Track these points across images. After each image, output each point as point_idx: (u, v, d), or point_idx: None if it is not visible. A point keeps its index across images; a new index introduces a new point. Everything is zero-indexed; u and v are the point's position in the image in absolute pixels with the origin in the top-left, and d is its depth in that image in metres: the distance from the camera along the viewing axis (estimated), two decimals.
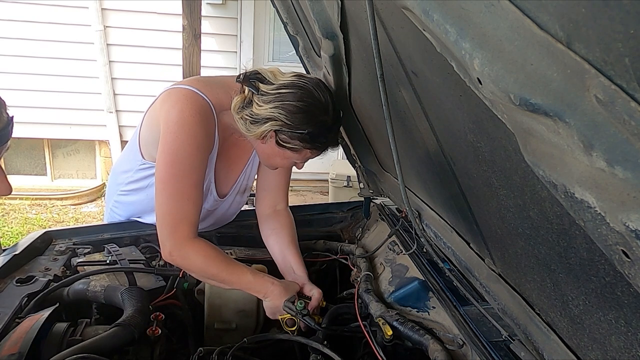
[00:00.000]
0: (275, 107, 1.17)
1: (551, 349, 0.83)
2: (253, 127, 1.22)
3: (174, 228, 1.19)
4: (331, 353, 1.09)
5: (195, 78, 1.34)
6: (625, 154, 0.39)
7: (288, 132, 1.20)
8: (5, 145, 0.95)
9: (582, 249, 0.58)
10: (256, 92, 1.19)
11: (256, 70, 1.23)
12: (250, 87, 1.20)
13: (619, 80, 0.37)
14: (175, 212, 1.20)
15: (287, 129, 1.19)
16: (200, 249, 1.21)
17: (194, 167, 1.22)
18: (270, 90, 1.19)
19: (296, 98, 1.17)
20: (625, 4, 0.34)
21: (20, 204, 4.41)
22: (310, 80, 1.23)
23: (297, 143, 1.22)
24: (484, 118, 0.64)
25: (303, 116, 1.18)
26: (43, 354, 0.94)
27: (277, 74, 1.23)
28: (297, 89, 1.18)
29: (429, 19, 0.55)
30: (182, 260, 1.22)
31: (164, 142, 1.21)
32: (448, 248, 1.20)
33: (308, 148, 1.25)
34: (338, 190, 4.25)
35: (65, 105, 4.60)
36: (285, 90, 1.18)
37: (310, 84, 1.21)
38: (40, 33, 4.30)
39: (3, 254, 1.33)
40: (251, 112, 1.20)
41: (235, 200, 1.54)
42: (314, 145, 1.24)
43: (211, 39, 4.57)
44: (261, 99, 1.19)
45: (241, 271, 1.25)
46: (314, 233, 1.72)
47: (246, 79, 1.21)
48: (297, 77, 1.22)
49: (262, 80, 1.21)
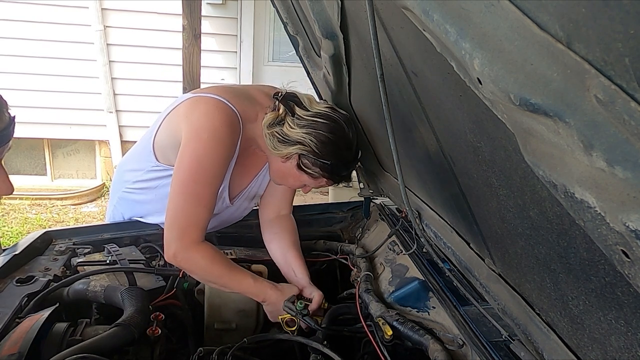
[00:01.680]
0: (307, 133, 1.22)
1: (551, 349, 0.83)
2: (280, 145, 1.26)
3: (183, 231, 1.21)
4: (331, 353, 1.09)
5: (222, 87, 1.35)
6: (625, 154, 0.39)
7: (312, 159, 1.25)
8: (6, 145, 0.95)
9: (582, 249, 0.58)
10: (291, 114, 1.24)
11: (294, 93, 1.29)
12: (286, 107, 1.25)
13: (619, 80, 0.37)
14: (188, 216, 1.21)
15: (313, 155, 1.24)
16: (204, 253, 1.23)
17: (216, 176, 1.24)
18: (306, 115, 1.24)
19: (329, 129, 1.23)
20: (625, 4, 0.34)
21: (20, 204, 4.41)
22: (342, 115, 1.28)
23: (317, 171, 1.27)
24: (484, 118, 0.64)
25: (331, 148, 1.24)
26: (43, 354, 0.94)
27: (313, 102, 1.29)
28: (331, 121, 1.24)
29: (429, 19, 0.55)
30: (186, 263, 1.23)
31: (190, 148, 1.22)
32: (448, 248, 1.20)
33: (326, 177, 1.30)
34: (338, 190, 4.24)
35: (65, 105, 4.60)
36: (320, 119, 1.24)
37: (342, 119, 1.27)
38: (40, 33, 4.30)
39: (3, 254, 1.33)
40: (282, 131, 1.24)
41: (242, 206, 1.54)
42: (332, 176, 1.30)
43: (211, 39, 4.57)
44: (295, 122, 1.23)
45: (242, 276, 1.27)
46: (314, 233, 1.72)
47: (284, 99, 1.26)
48: (332, 110, 1.28)
49: (298, 104, 1.25)
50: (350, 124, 1.28)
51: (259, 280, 1.29)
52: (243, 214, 1.59)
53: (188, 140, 1.23)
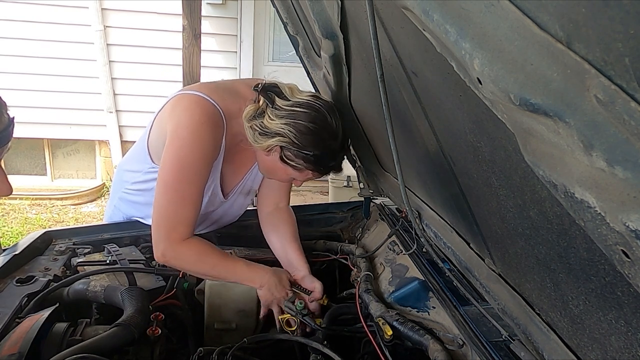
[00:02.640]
0: (286, 124, 1.18)
1: (551, 349, 0.83)
2: (261, 138, 1.23)
3: (170, 231, 1.21)
4: (331, 353, 1.09)
5: (205, 84, 1.34)
6: (625, 154, 0.39)
7: (294, 151, 1.21)
8: (6, 146, 0.95)
9: (582, 249, 0.58)
10: (271, 105, 1.21)
11: (275, 83, 1.25)
12: (266, 99, 1.21)
13: (619, 80, 0.37)
14: (174, 215, 1.22)
15: (294, 147, 1.20)
16: (192, 247, 1.23)
17: (199, 173, 1.23)
18: (285, 105, 1.20)
19: (309, 119, 1.18)
20: (625, 4, 0.34)
21: (20, 204, 4.41)
22: (325, 103, 1.23)
23: (300, 162, 1.23)
24: (484, 118, 0.64)
25: (312, 138, 1.19)
26: (43, 354, 0.94)
27: (295, 91, 1.25)
28: (311, 110, 1.19)
29: (429, 19, 0.55)
30: (175, 260, 1.24)
31: (172, 146, 1.22)
32: (448, 248, 1.20)
33: (310, 169, 1.26)
34: (338, 190, 4.25)
35: (65, 105, 4.60)
36: (300, 109, 1.19)
37: (325, 107, 1.22)
38: (40, 33, 4.30)
39: (3, 254, 1.33)
40: (262, 124, 1.21)
41: (238, 201, 1.54)
42: (316, 167, 1.25)
43: (211, 39, 4.58)
44: (274, 113, 1.20)
45: (235, 263, 1.27)
46: (314, 233, 1.72)
47: (264, 89, 1.23)
48: (314, 97, 1.23)
49: (278, 94, 1.22)
50: (334, 112, 1.23)
51: (253, 265, 1.29)
52: (240, 210, 1.59)
53: (170, 139, 1.23)
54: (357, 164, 1.74)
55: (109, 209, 1.69)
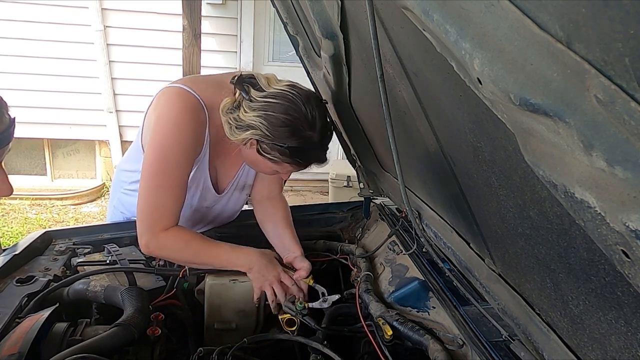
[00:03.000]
0: (258, 116, 1.15)
1: (551, 349, 0.83)
2: (236, 131, 1.20)
3: (152, 222, 1.22)
4: (331, 353, 1.09)
5: (190, 77, 1.34)
6: (625, 154, 0.39)
7: (269, 143, 1.18)
8: (7, 146, 0.95)
9: (582, 249, 0.58)
10: (246, 97, 1.17)
11: (252, 74, 1.21)
12: (241, 91, 1.18)
13: (619, 80, 0.37)
14: (156, 206, 1.23)
15: (268, 140, 1.17)
16: (173, 236, 1.23)
17: (179, 163, 1.23)
18: (259, 97, 1.16)
19: (281, 110, 1.14)
20: (625, 4, 0.34)
21: (20, 204, 4.41)
22: (301, 92, 1.18)
23: (277, 155, 1.20)
24: (484, 118, 0.64)
25: (285, 130, 1.15)
26: (43, 354, 0.94)
27: (272, 81, 1.21)
28: (284, 101, 1.15)
29: (429, 19, 0.55)
30: (159, 250, 1.25)
31: (153, 138, 1.23)
32: (448, 248, 1.20)
33: (288, 162, 1.22)
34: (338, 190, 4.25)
35: (65, 105, 4.60)
36: (273, 100, 1.15)
37: (301, 96, 1.16)
38: (40, 33, 4.30)
39: (3, 254, 1.33)
40: (237, 117, 1.19)
41: (234, 197, 1.54)
42: (293, 160, 1.21)
43: (211, 39, 4.58)
44: (248, 105, 1.17)
45: (218, 248, 1.27)
46: (314, 233, 1.72)
47: (239, 81, 1.19)
48: (290, 87, 1.18)
49: (254, 85, 1.18)
50: (310, 101, 1.17)
51: (237, 248, 1.28)
52: (237, 205, 1.59)
53: (152, 132, 1.24)
54: (357, 164, 1.75)
55: (109, 210, 1.69)
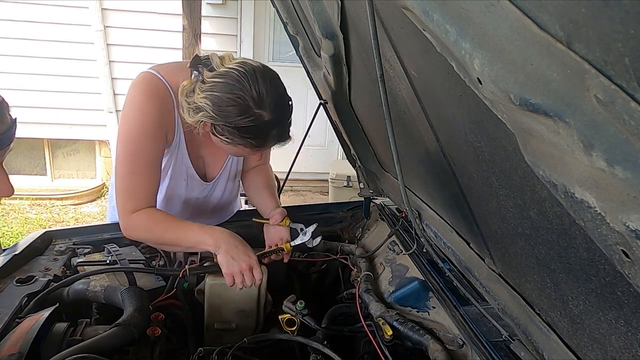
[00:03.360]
0: (204, 97, 1.12)
1: (551, 349, 0.83)
2: (192, 114, 1.17)
3: (124, 204, 1.25)
4: (331, 353, 1.09)
5: (164, 63, 1.33)
6: (625, 154, 0.39)
7: (219, 125, 1.14)
8: (8, 147, 0.95)
9: (582, 249, 0.58)
10: (200, 79, 1.15)
11: (208, 55, 1.18)
12: (197, 73, 1.16)
13: (619, 80, 0.37)
14: (127, 190, 1.26)
15: (216, 121, 1.13)
16: (143, 216, 1.26)
17: (144, 147, 1.24)
18: (209, 78, 1.13)
19: (224, 90, 1.10)
20: (625, 4, 0.34)
21: (20, 204, 4.42)
22: (247, 69, 1.11)
23: (228, 136, 1.16)
24: (484, 118, 0.64)
25: (231, 109, 1.10)
26: (43, 354, 0.94)
27: (225, 60, 1.16)
28: (229, 80, 1.10)
29: (429, 19, 0.55)
30: (132, 231, 1.28)
31: (120, 124, 1.26)
32: (448, 248, 1.20)
33: (241, 143, 1.17)
34: (338, 190, 4.25)
35: (65, 105, 4.60)
36: (219, 79, 1.11)
37: (247, 74, 1.10)
38: (40, 33, 4.30)
39: (3, 254, 1.33)
40: (191, 100, 1.16)
41: (228, 187, 1.55)
42: (246, 141, 1.16)
43: (211, 39, 4.58)
44: (200, 87, 1.14)
45: (187, 227, 1.27)
46: None
47: (194, 63, 1.17)
48: (239, 64, 1.13)
49: (207, 66, 1.15)
50: (257, 78, 1.10)
51: (207, 227, 1.28)
52: (231, 195, 1.60)
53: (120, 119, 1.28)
54: (357, 164, 1.75)
55: (109, 210, 1.69)
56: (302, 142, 1.67)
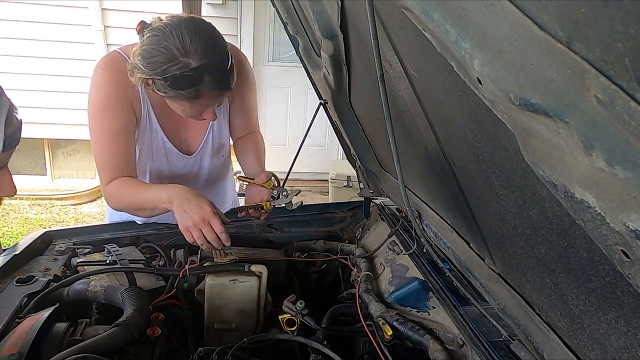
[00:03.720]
0: (138, 55, 1.17)
1: (551, 349, 0.83)
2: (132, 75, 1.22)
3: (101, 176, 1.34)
4: (331, 353, 1.09)
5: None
6: (625, 154, 0.39)
7: (152, 79, 1.16)
8: (14, 148, 0.96)
9: (582, 249, 0.58)
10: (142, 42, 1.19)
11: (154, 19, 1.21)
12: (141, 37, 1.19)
13: (619, 80, 0.37)
14: (100, 162, 1.33)
15: (148, 75, 1.16)
16: (116, 184, 1.31)
17: (107, 118, 1.30)
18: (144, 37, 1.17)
19: (151, 42, 1.14)
20: (625, 4, 0.34)
21: (20, 204, 4.42)
22: (173, 21, 1.15)
23: (163, 90, 1.17)
24: (484, 118, 0.64)
25: (157, 59, 1.13)
26: (43, 354, 0.94)
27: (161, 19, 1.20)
28: (154, 32, 1.14)
29: (429, 19, 0.55)
30: (110, 200, 1.36)
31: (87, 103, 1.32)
32: (448, 248, 1.20)
33: (177, 96, 1.18)
34: (338, 190, 4.25)
35: (65, 105, 4.60)
36: (147, 35, 1.15)
37: (171, 25, 1.14)
38: (40, 33, 4.30)
39: (3, 254, 1.33)
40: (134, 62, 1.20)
41: (212, 162, 1.57)
42: (178, 93, 1.16)
43: None
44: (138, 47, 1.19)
45: (148, 189, 1.31)
46: (314, 233, 1.72)
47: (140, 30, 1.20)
48: (168, 18, 1.17)
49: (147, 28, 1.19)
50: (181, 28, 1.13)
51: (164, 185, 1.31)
52: (217, 169, 1.62)
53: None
54: (357, 164, 1.74)
55: (108, 210, 1.69)
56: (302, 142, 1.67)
